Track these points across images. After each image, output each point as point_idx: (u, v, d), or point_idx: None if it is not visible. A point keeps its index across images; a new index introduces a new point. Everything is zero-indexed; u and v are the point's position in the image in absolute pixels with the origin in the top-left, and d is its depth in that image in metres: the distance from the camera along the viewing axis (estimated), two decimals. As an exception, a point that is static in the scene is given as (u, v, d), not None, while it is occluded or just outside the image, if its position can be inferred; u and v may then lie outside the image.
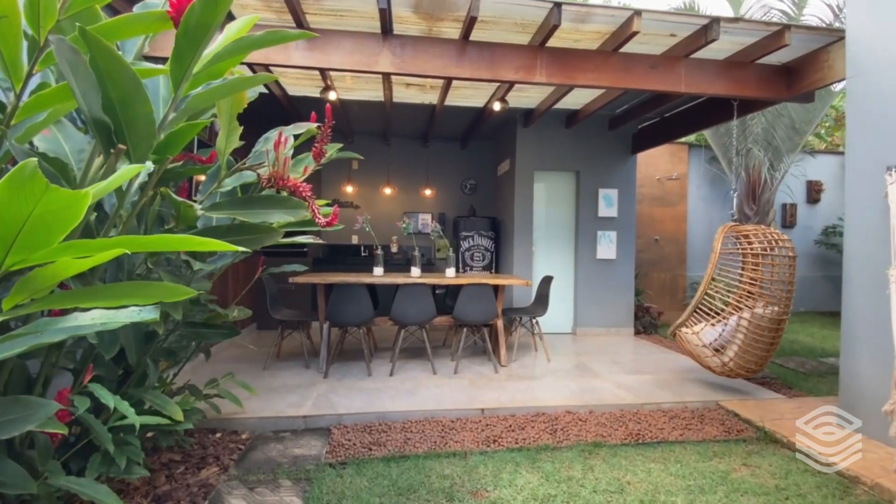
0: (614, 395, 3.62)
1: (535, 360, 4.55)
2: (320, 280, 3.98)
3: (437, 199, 6.99)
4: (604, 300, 5.86)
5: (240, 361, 4.36)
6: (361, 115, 5.82)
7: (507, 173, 6.18)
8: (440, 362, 4.35)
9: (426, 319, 4.01)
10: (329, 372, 3.96)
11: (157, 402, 1.84)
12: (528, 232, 5.72)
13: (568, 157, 5.83)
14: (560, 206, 5.93)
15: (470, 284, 4.00)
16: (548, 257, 5.89)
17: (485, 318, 4.06)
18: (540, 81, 3.35)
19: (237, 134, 1.74)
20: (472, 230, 6.13)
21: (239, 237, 1.87)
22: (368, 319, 3.96)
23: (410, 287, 3.93)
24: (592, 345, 5.36)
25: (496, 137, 6.83)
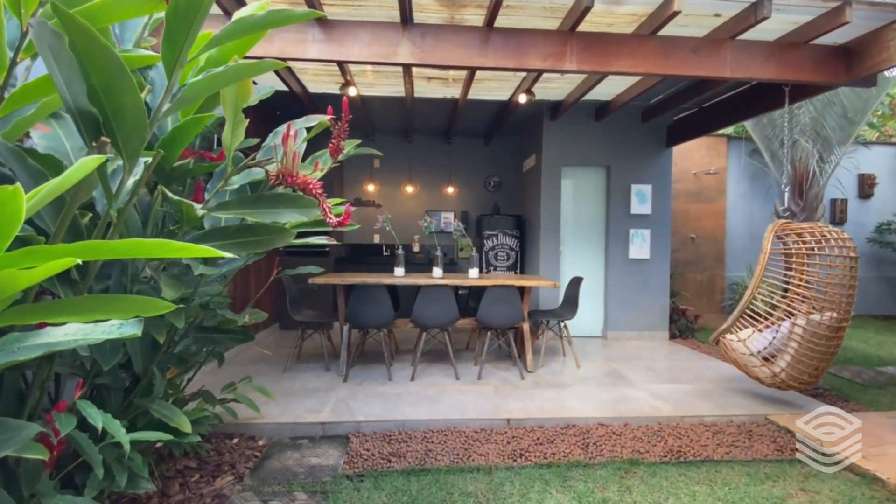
0: (651, 407, 3.36)
1: (564, 366, 4.32)
2: (339, 281, 3.87)
3: (459, 197, 6.81)
4: (636, 302, 5.56)
5: (260, 362, 4.31)
6: (382, 112, 5.70)
7: (532, 169, 5.94)
8: (463, 367, 4.18)
9: (448, 322, 3.85)
10: (349, 375, 3.85)
11: (163, 413, 1.74)
12: (555, 230, 5.47)
13: (598, 152, 5.54)
14: (589, 204, 5.65)
15: (494, 286, 3.81)
16: (576, 257, 5.62)
17: (510, 322, 3.86)
18: (570, 69, 3.13)
19: (243, 127, 1.61)
20: (496, 229, 5.93)
21: (248, 238, 1.74)
22: (389, 321, 3.83)
23: (432, 288, 3.77)
24: (624, 350, 5.08)
25: (521, 132, 6.59)
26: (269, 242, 1.77)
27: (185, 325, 2.10)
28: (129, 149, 1.21)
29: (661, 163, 5.66)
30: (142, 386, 1.80)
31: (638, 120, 5.60)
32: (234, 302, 4.39)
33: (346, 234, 6.68)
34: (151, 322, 1.60)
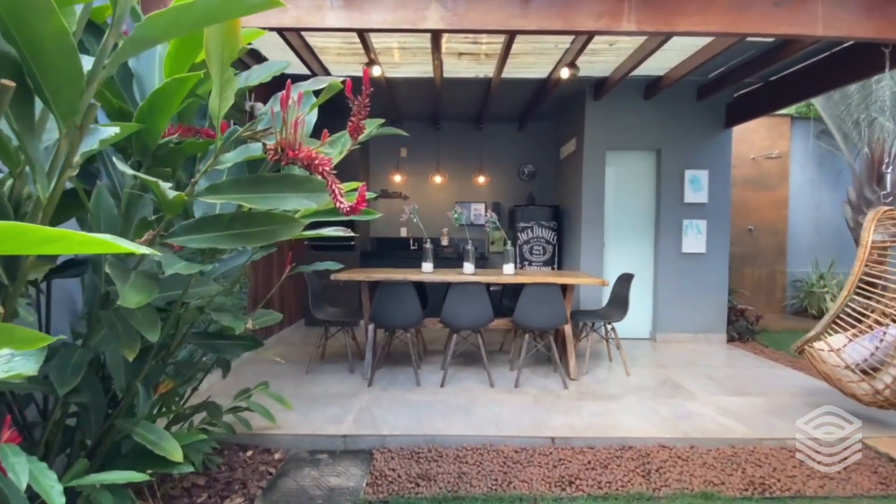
0: (719, 426, 2.88)
1: (611, 374, 3.87)
2: (363, 277, 3.56)
3: (491, 187, 6.39)
4: (690, 301, 5.00)
5: (284, 361, 4.07)
6: (409, 97, 5.34)
7: (572, 155, 5.44)
8: (498, 371, 3.80)
9: (482, 324, 3.47)
10: (374, 379, 3.55)
11: (148, 439, 1.44)
12: (597, 222, 4.98)
13: (647, 134, 4.99)
14: (637, 192, 5.11)
15: (533, 284, 3.40)
16: (622, 251, 5.11)
17: (551, 324, 3.44)
18: (628, 31, 2.66)
19: (233, 87, 1.27)
20: (531, 220, 5.48)
21: (246, 230, 1.41)
22: (416, 322, 3.49)
23: (463, 286, 3.40)
24: (677, 354, 4.56)
25: (559, 115, 6.08)
26: (273, 234, 1.43)
27: (183, 332, 1.82)
28: (61, 103, 0.88)
29: (719, 145, 5.05)
30: (124, 405, 1.51)
31: (693, 97, 5.00)
32: (255, 301, 4.17)
33: (372, 226, 6.40)
34: (125, 335, 1.30)
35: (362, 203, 1.23)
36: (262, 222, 1.42)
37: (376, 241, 6.34)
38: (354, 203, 1.22)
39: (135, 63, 1.51)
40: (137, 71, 1.52)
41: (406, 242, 6.36)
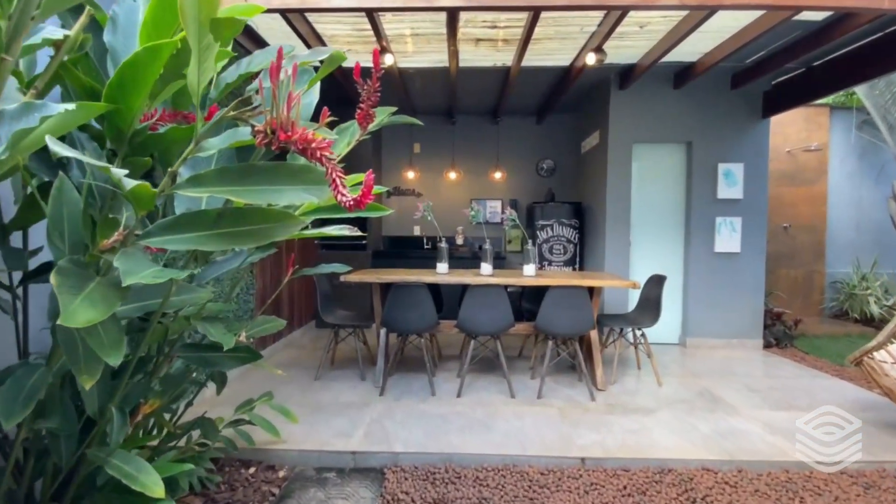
0: (769, 445, 2.59)
1: (641, 383, 3.58)
2: (374, 279, 3.34)
3: (508, 184, 6.12)
4: (723, 304, 4.67)
5: (292, 366, 3.89)
6: (424, 90, 5.11)
7: (595, 149, 5.14)
8: (518, 380, 3.55)
9: (502, 329, 3.22)
10: (386, 387, 3.33)
11: (123, 472, 1.24)
12: (623, 220, 4.68)
13: (677, 125, 4.66)
14: (666, 187, 4.79)
15: (558, 287, 3.14)
16: (649, 251, 4.80)
17: (577, 330, 3.17)
18: (669, 4, 2.38)
19: (212, 56, 1.05)
20: (551, 218, 5.20)
21: (235, 228, 1.19)
22: (431, 326, 3.26)
23: (481, 289, 3.15)
24: (711, 362, 4.23)
25: (581, 107, 5.78)
26: (267, 233, 1.21)
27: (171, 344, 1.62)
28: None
29: (755, 136, 4.70)
30: (97, 432, 1.31)
31: (727, 85, 4.66)
32: (263, 302, 3.99)
33: (385, 225, 6.19)
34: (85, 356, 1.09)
35: (368, 196, 0.99)
36: (255, 220, 1.20)
37: (389, 240, 6.14)
38: (359, 196, 0.99)
39: (110, 37, 1.30)
40: (113, 45, 1.31)
41: (420, 242, 6.13)
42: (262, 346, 4.08)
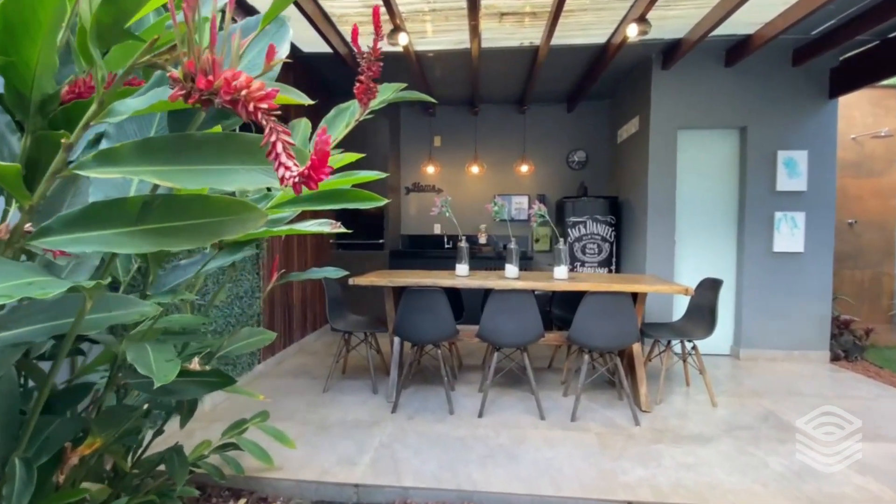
0: (860, 490, 2.09)
1: (692, 403, 3.11)
2: (386, 282, 3.00)
3: (535, 178, 5.68)
4: (783, 310, 4.11)
5: (301, 375, 3.60)
6: (444, 79, 4.74)
7: (634, 137, 4.65)
8: (548, 396, 3.14)
9: (529, 340, 2.82)
10: (399, 403, 2.99)
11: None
12: (667, 215, 4.18)
13: (729, 108, 4.13)
14: (716, 178, 4.26)
15: (596, 293, 2.71)
16: (697, 250, 4.28)
17: (619, 343, 2.74)
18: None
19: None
20: (584, 215, 4.74)
21: (167, 223, 0.85)
22: (449, 336, 2.89)
23: (507, 295, 2.76)
24: (771, 377, 3.70)
25: (617, 92, 5.29)
26: (216, 230, 0.85)
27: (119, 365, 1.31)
28: None
29: (820, 120, 4.11)
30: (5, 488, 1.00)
31: (788, 62, 4.09)
32: (272, 306, 3.72)
33: (403, 223, 5.87)
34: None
35: (322, 170, 0.63)
36: (196, 212, 0.85)
37: (408, 239, 5.81)
38: (308, 169, 0.62)
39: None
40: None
41: (440, 241, 5.78)
42: (270, 352, 3.82)
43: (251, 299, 3.41)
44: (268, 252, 3.74)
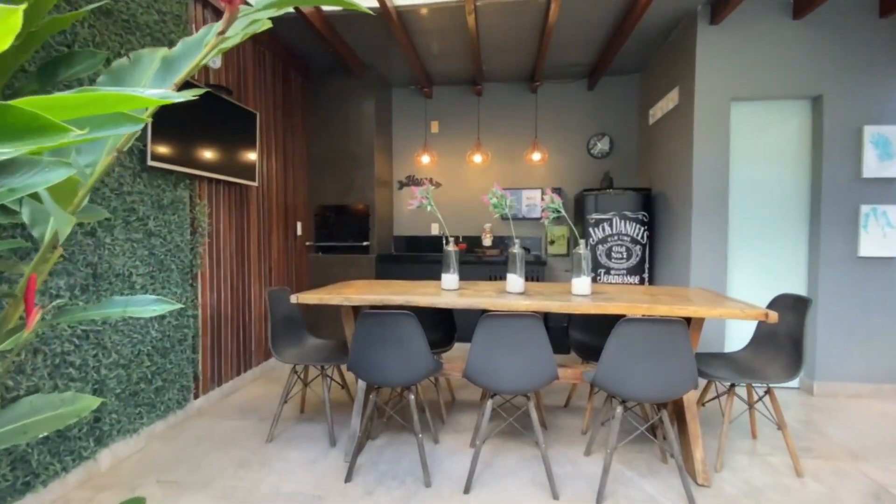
0: None
1: (766, 471, 2.22)
2: (340, 299, 2.21)
3: (549, 168, 4.84)
4: (871, 332, 3.18)
5: (251, 412, 2.85)
6: (441, 55, 3.95)
7: (672, 115, 3.77)
8: (564, 455, 2.31)
9: (536, 386, 2.00)
10: (359, 465, 2.20)
11: None
12: (718, 211, 3.29)
13: (798, 73, 3.22)
14: (781, 163, 3.35)
15: (634, 319, 1.87)
16: (755, 255, 3.37)
17: (668, 393, 1.89)
18: None
19: None
20: (610, 210, 3.88)
21: None
22: (424, 374, 2.08)
23: (507, 321, 1.94)
24: (863, 423, 2.77)
25: (649, 62, 4.41)
26: None
27: None
28: None
29: (921, 86, 3.17)
30: None
31: (873, 13, 3.16)
32: (209, 328, 2.98)
33: (396, 223, 5.09)
34: None
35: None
36: None
37: (403, 240, 5.03)
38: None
39: None
40: None
41: (438, 243, 4.98)
42: (217, 380, 3.08)
43: (181, 317, 2.67)
44: (210, 258, 3.00)
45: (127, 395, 2.34)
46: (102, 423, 2.20)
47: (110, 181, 2.21)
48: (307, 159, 4.49)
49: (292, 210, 4.18)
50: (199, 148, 2.75)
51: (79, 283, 2.06)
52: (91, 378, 2.13)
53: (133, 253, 2.35)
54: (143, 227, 2.41)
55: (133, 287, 2.35)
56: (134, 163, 2.35)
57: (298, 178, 4.31)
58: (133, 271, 2.34)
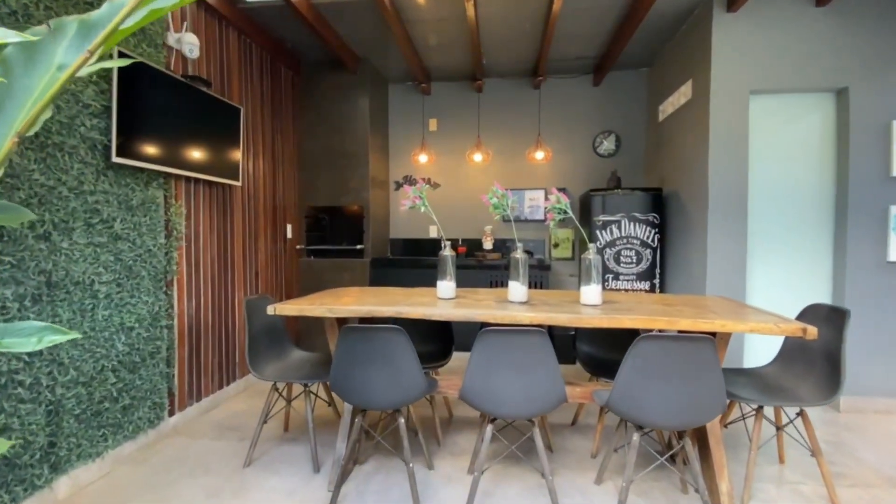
0: None
1: (794, 500, 1.99)
2: (323, 310, 1.98)
3: (553, 168, 4.61)
4: (905, 345, 2.95)
5: (230, 430, 2.62)
6: (439, 47, 3.74)
7: (685, 110, 3.55)
8: (572, 483, 2.08)
9: (542, 411, 1.77)
10: (344, 496, 1.97)
11: None
12: (736, 212, 3.06)
13: (822, 63, 3.00)
14: (802, 160, 3.12)
15: (655, 336, 1.64)
16: (775, 259, 3.14)
17: (694, 419, 1.66)
18: None
19: None
20: (619, 212, 3.66)
21: None
22: (415, 396, 1.86)
23: (508, 338, 1.71)
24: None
25: (658, 56, 4.19)
26: None
27: None
28: None
29: (955, 77, 2.94)
30: None
31: (907, -3, 2.94)
32: (186, 337, 2.76)
33: (393, 225, 4.87)
34: None
35: None
36: None
37: (400, 243, 4.81)
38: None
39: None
40: None
41: (437, 245, 4.76)
42: (195, 395, 2.86)
43: (153, 328, 2.45)
44: (188, 263, 2.78)
45: (88, 415, 2.12)
46: (59, 448, 1.98)
47: (68, 179, 1.99)
48: (298, 158, 4.28)
49: (281, 212, 3.96)
50: (175, 144, 2.53)
51: (30, 292, 1.84)
52: (44, 399, 1.91)
53: (96, 258, 2.13)
54: (109, 230, 2.20)
55: (96, 296, 2.13)
56: (97, 159, 2.13)
57: (288, 178, 4.10)
58: (95, 279, 2.12)
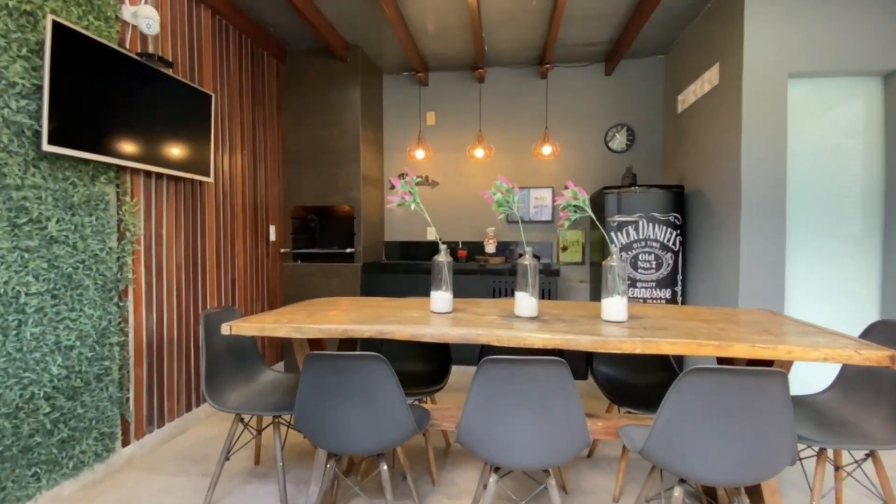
0: None
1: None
2: (289, 330, 1.63)
3: (561, 164, 4.26)
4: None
5: (192, 463, 2.26)
6: (438, 35, 3.40)
7: (710, 97, 3.19)
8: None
9: (560, 460, 1.41)
10: (319, 550, 1.61)
11: None
12: (773, 211, 2.69)
13: (868, 43, 2.64)
14: (847, 152, 2.76)
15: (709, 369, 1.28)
16: (815, 264, 2.77)
17: (755, 472, 1.30)
18: None
19: None
20: (636, 212, 3.29)
21: None
22: (400, 439, 1.50)
23: (516, 369, 1.35)
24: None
25: (677, 41, 3.84)
26: None
27: None
28: None
29: None
30: None
31: (968, -33, 2.58)
32: (144, 358, 2.40)
33: (388, 227, 4.53)
34: None
35: None
36: None
37: (397, 246, 4.46)
38: None
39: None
40: None
41: (435, 248, 4.41)
42: (156, 421, 2.51)
43: (100, 346, 2.11)
44: (147, 270, 2.43)
45: (14, 452, 1.77)
46: (-30, 496, 1.63)
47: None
48: (283, 154, 3.94)
49: (264, 212, 3.62)
50: (128, 133, 2.19)
51: (-72, 308, 1.50)
52: (-51, 437, 1.57)
53: (23, 266, 1.78)
54: (41, 232, 1.85)
55: (23, 311, 1.78)
56: (24, 147, 1.79)
57: (272, 175, 3.76)
58: (22, 290, 1.78)
